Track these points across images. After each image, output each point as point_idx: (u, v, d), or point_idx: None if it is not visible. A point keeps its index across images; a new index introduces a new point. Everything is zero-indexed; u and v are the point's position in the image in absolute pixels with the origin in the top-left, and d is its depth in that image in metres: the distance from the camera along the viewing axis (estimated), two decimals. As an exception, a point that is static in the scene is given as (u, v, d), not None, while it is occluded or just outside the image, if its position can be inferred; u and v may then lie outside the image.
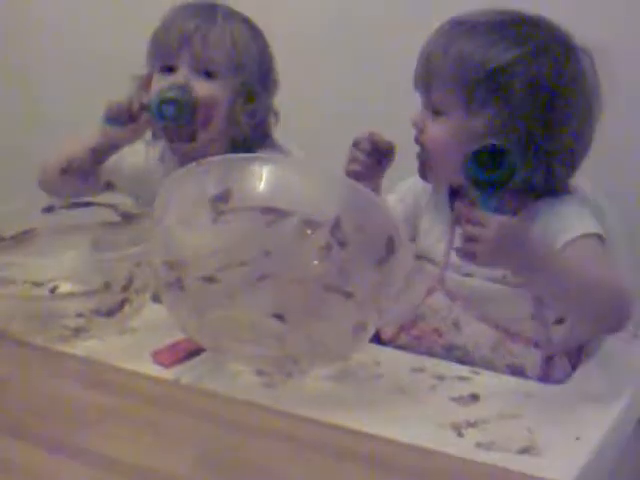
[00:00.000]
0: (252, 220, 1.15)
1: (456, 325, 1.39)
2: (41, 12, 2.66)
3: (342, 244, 1.13)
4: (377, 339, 1.40)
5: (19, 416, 1.13)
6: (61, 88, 2.63)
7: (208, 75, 1.63)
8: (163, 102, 1.56)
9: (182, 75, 1.62)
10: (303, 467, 1.03)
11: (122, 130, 1.58)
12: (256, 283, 1.13)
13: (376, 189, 1.43)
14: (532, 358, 1.35)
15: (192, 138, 1.62)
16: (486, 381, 1.25)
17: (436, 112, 1.39)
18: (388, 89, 2.00)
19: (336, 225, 1.13)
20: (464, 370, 1.28)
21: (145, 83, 1.68)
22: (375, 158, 1.43)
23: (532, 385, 1.25)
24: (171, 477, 1.01)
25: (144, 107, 1.57)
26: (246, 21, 1.70)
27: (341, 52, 2.14)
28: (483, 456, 1.04)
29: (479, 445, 1.06)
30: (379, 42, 2.07)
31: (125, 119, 1.57)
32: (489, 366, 1.33)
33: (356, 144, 1.44)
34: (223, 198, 1.15)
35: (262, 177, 1.19)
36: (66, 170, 1.63)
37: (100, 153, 1.64)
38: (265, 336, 1.16)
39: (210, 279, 1.14)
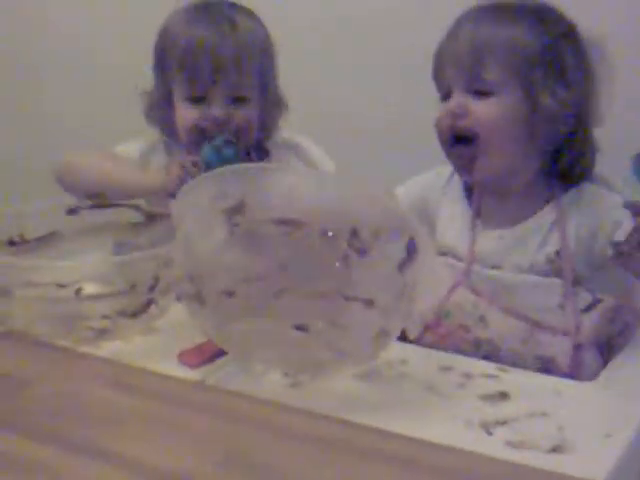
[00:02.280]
0: (268, 232, 1.14)
1: (482, 320, 1.39)
2: (48, 15, 2.67)
3: (361, 253, 1.12)
4: (403, 338, 1.38)
5: (44, 418, 1.13)
6: (75, 88, 2.65)
7: (240, 99, 1.62)
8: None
9: (218, 108, 1.61)
10: (330, 467, 1.02)
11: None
12: (275, 296, 1.12)
13: None
14: (561, 348, 1.35)
15: None
16: (515, 379, 1.23)
17: (483, 93, 1.36)
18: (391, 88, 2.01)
19: (353, 234, 1.12)
20: (492, 368, 1.26)
21: (163, 100, 1.68)
22: None
23: (562, 382, 1.23)
24: (196, 479, 1.00)
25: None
26: (256, 19, 1.69)
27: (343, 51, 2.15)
28: (512, 455, 1.03)
29: (508, 444, 1.05)
30: (382, 40, 2.07)
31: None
32: (518, 358, 1.33)
33: None
34: (237, 210, 1.14)
35: (276, 188, 1.18)
36: (92, 198, 1.60)
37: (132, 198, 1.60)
38: (288, 345, 1.16)
39: (229, 293, 1.14)
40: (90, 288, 1.32)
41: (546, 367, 1.34)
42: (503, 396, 1.17)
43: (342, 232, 1.12)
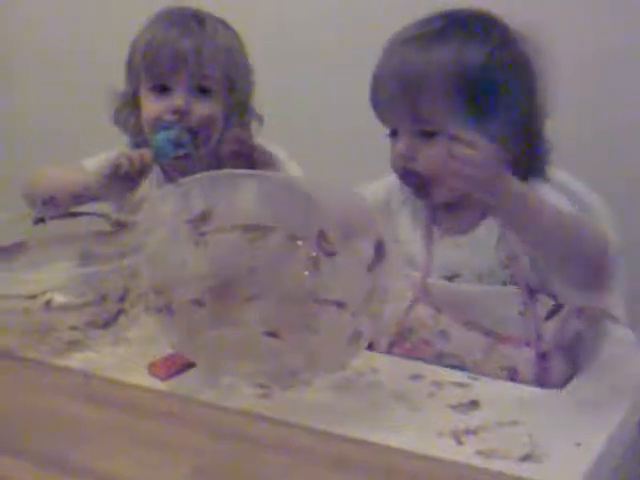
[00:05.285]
0: (235, 239, 1.13)
1: (444, 334, 1.37)
2: (24, 15, 2.65)
3: (329, 255, 1.12)
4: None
5: (13, 432, 1.12)
6: (47, 96, 2.62)
7: (203, 91, 1.62)
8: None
9: (180, 98, 1.61)
10: (302, 477, 1.02)
11: (120, 186, 1.55)
12: (245, 303, 1.12)
13: None
14: (525, 358, 1.33)
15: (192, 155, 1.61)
16: (485, 387, 1.24)
17: (426, 133, 1.34)
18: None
19: (321, 236, 1.12)
20: (463, 376, 1.27)
21: (130, 101, 1.68)
22: None
23: (532, 391, 1.24)
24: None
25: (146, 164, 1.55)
26: (228, 27, 1.70)
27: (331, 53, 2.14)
28: (483, 464, 1.03)
29: (479, 453, 1.06)
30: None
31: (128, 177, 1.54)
32: (482, 370, 1.32)
33: None
34: (203, 218, 1.14)
35: (242, 194, 1.18)
36: (48, 203, 1.59)
37: (86, 200, 1.60)
38: (260, 353, 1.15)
39: (198, 302, 1.13)
40: (59, 299, 1.32)
41: (511, 377, 1.32)
42: (473, 405, 1.18)
43: (310, 235, 1.12)
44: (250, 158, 1.60)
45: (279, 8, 2.23)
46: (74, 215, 1.52)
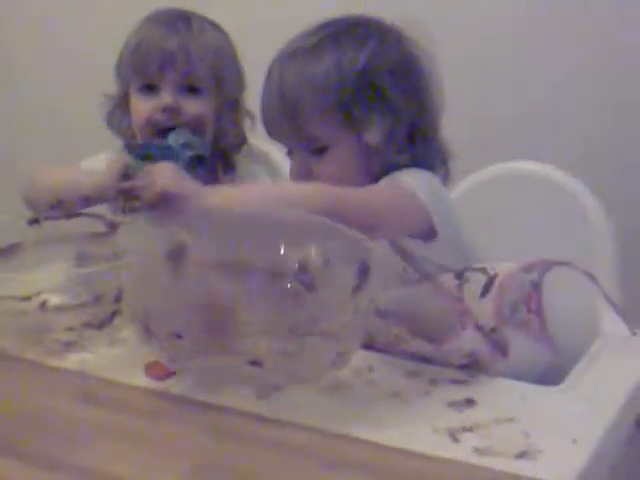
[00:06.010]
0: (213, 275, 1.12)
1: (400, 338, 1.33)
2: (24, 15, 2.66)
3: (310, 287, 1.10)
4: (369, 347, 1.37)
5: (9, 433, 1.12)
6: (47, 95, 2.63)
7: (192, 90, 1.62)
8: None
9: (168, 96, 1.61)
10: (299, 476, 1.02)
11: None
12: (224, 339, 1.11)
13: None
14: (473, 338, 1.28)
15: None
16: (481, 385, 1.24)
17: (317, 150, 1.34)
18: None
19: (301, 269, 1.11)
20: (459, 374, 1.26)
21: (122, 104, 1.68)
22: None
23: (528, 388, 1.23)
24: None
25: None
26: (216, 27, 1.70)
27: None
28: (479, 461, 1.03)
29: (475, 450, 1.05)
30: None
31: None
32: (450, 363, 1.28)
33: None
34: (179, 253, 1.13)
35: (219, 227, 1.17)
36: (55, 207, 1.59)
37: (95, 201, 1.59)
38: (243, 376, 1.15)
39: (177, 335, 1.13)
40: (54, 300, 1.32)
41: (475, 360, 1.28)
42: (470, 402, 1.17)
43: (289, 270, 1.11)
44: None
45: (275, 9, 2.23)
46: (69, 216, 1.52)
